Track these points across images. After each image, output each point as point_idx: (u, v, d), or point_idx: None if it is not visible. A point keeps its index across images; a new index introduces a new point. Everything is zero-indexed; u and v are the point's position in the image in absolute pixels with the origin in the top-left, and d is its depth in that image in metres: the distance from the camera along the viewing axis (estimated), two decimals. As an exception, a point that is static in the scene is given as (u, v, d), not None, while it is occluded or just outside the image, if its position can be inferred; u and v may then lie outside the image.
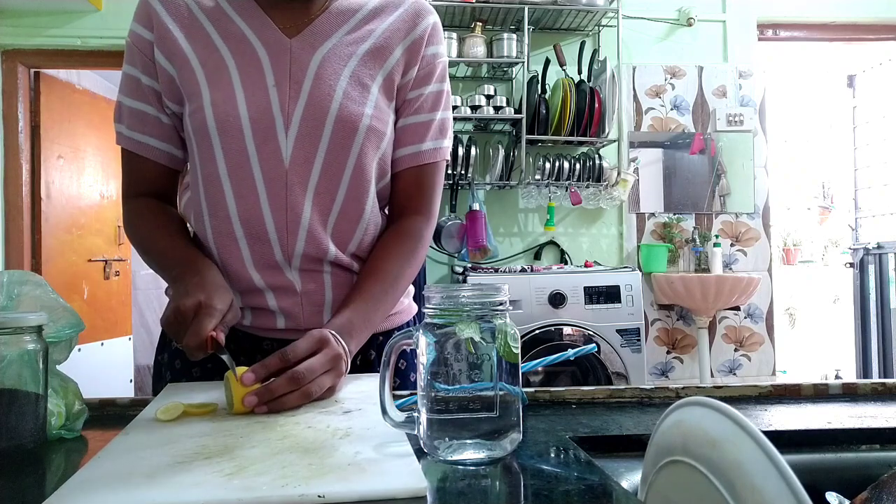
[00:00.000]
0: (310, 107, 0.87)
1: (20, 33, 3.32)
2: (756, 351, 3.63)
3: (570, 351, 0.75)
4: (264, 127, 0.86)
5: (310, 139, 0.87)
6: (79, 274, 3.82)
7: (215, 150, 0.87)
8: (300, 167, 0.88)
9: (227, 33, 0.89)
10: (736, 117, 3.61)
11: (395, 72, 0.93)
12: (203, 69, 0.88)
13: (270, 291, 0.90)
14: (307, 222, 0.88)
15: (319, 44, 0.90)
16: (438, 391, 0.54)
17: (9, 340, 0.58)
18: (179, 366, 0.95)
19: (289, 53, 0.88)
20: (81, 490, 0.46)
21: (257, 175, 0.87)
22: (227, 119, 0.86)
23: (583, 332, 2.88)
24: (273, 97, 0.87)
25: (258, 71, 0.88)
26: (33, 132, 3.51)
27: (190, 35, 0.89)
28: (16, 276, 0.67)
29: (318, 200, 0.89)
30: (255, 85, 0.87)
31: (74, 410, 0.66)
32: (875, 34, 3.86)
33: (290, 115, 0.87)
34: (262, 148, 0.87)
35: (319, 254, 0.90)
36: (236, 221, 0.88)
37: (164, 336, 0.99)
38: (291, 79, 0.88)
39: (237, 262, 0.90)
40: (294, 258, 0.89)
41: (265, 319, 0.92)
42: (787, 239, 5.46)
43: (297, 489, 0.45)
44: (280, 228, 0.88)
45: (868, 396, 0.83)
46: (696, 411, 0.50)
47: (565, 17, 3.34)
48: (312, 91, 0.88)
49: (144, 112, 0.92)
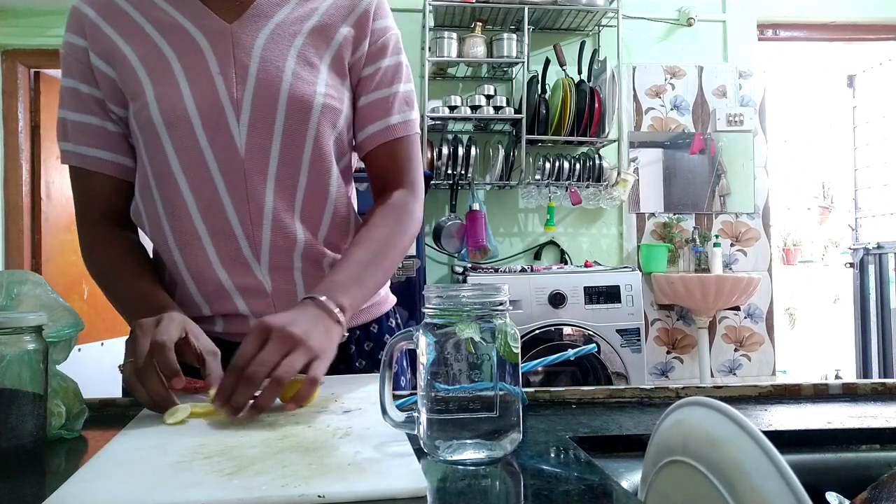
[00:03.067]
0: (259, 91, 0.84)
1: (20, 33, 3.32)
2: (756, 351, 3.63)
3: (570, 351, 0.75)
4: (214, 117, 0.84)
5: (263, 125, 0.85)
6: (79, 274, 3.81)
7: (165, 146, 0.84)
8: (257, 155, 0.85)
9: (163, 26, 0.86)
10: (736, 117, 3.61)
11: (344, 48, 0.90)
12: (143, 65, 0.85)
13: (240, 294, 0.88)
14: (271, 211, 0.86)
15: (262, 25, 0.87)
16: (438, 391, 0.54)
17: (9, 340, 0.58)
18: None
19: (230, 38, 0.85)
20: (81, 490, 0.46)
21: (213, 168, 0.84)
22: (174, 112, 0.83)
23: (583, 332, 2.88)
24: (220, 85, 0.84)
25: (200, 60, 0.84)
26: (33, 132, 3.51)
27: (125, 33, 0.86)
28: (16, 275, 0.67)
29: (279, 187, 0.86)
30: (198, 74, 0.84)
31: (74, 410, 0.66)
32: (875, 34, 3.86)
33: (240, 101, 0.84)
34: (215, 139, 0.84)
35: (288, 244, 0.87)
36: (197, 218, 0.86)
37: None
38: (236, 64, 0.85)
39: (202, 262, 0.87)
40: (262, 253, 0.86)
41: (237, 325, 0.89)
42: (787, 239, 5.46)
43: (297, 489, 0.45)
44: (244, 221, 0.85)
45: (868, 396, 0.83)
46: (696, 411, 0.50)
47: (565, 17, 3.34)
48: (260, 74, 0.85)
49: (88, 123, 0.88)
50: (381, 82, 0.93)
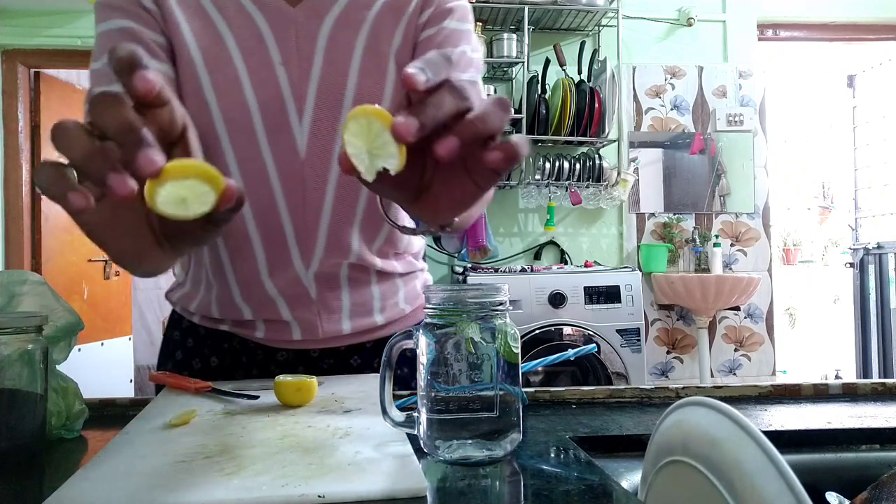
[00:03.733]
0: (323, 88, 0.77)
1: (20, 33, 3.32)
2: (756, 351, 3.63)
3: (570, 351, 0.75)
4: (275, 114, 0.76)
5: (327, 125, 0.77)
6: (79, 274, 3.82)
7: (222, 142, 0.76)
8: (318, 158, 0.78)
9: (221, 2, 0.77)
10: (736, 117, 3.61)
11: (410, 28, 0.80)
12: (199, 46, 0.75)
13: (283, 301, 0.83)
14: (328, 221, 0.80)
15: (326, 11, 0.78)
16: (438, 391, 0.54)
17: (9, 340, 0.58)
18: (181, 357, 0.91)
19: (294, 25, 0.77)
20: (81, 490, 0.46)
21: (271, 170, 0.77)
22: (234, 109, 0.75)
23: (583, 332, 2.88)
24: (282, 78, 0.76)
25: (261, 46, 0.75)
26: (33, 132, 3.51)
27: (181, 1, 0.76)
28: (16, 275, 0.67)
29: (340, 194, 0.79)
30: (259, 65, 0.75)
31: (74, 410, 0.66)
32: (875, 34, 3.86)
33: (303, 99, 0.76)
34: (275, 139, 0.77)
35: (341, 255, 0.82)
36: (251, 222, 0.79)
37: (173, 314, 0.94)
38: (300, 55, 0.76)
39: (250, 268, 0.82)
40: (313, 261, 0.81)
41: (279, 332, 0.85)
42: (787, 239, 5.46)
43: (297, 489, 0.45)
44: (298, 229, 0.80)
45: (868, 396, 0.83)
46: (696, 411, 0.50)
47: (565, 17, 3.34)
48: (325, 68, 0.76)
49: None
50: (443, 42, 0.80)
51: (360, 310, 0.87)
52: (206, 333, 0.90)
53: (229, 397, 0.72)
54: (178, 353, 0.92)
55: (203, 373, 0.90)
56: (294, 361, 0.88)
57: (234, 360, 0.89)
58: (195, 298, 0.89)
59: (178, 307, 0.93)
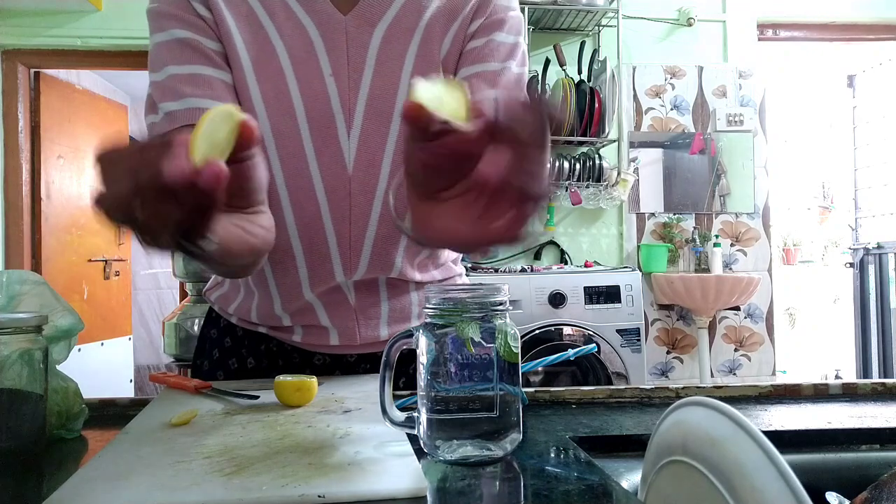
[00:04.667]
0: (373, 100, 0.75)
1: (20, 33, 3.32)
2: (756, 351, 3.63)
3: (570, 351, 0.75)
4: (324, 126, 0.75)
5: (375, 139, 0.76)
6: (79, 274, 3.82)
7: (270, 153, 0.75)
8: (365, 172, 0.76)
9: (270, 5, 0.75)
10: (736, 117, 3.61)
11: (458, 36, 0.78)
12: (248, 52, 0.73)
13: (322, 307, 0.83)
14: (373, 236, 0.78)
15: (378, 19, 0.76)
16: (438, 391, 0.54)
17: (9, 340, 0.58)
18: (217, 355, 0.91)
19: (344, 34, 0.75)
20: (81, 490, 0.46)
21: (317, 183, 0.76)
22: (283, 119, 0.74)
23: (583, 332, 2.88)
24: (331, 89, 0.74)
25: (311, 56, 0.74)
26: (33, 132, 3.51)
27: (232, 9, 0.74)
28: (15, 275, 0.67)
29: (386, 210, 0.78)
30: (309, 74, 0.74)
31: (74, 410, 0.66)
32: (875, 34, 3.86)
33: (352, 111, 0.75)
34: (322, 151, 0.75)
35: (384, 270, 0.81)
36: (294, 235, 0.78)
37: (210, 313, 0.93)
38: (350, 65, 0.75)
39: (292, 281, 0.81)
40: (355, 275, 0.80)
41: (317, 336, 0.85)
42: (787, 239, 5.45)
43: (297, 489, 0.45)
44: (342, 243, 0.78)
45: (868, 396, 0.83)
46: (696, 411, 0.50)
47: (565, 17, 3.34)
48: (375, 80, 0.75)
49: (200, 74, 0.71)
50: (489, 55, 0.77)
51: (399, 316, 0.87)
52: (244, 334, 0.90)
53: (229, 397, 0.72)
54: (214, 351, 0.92)
55: (239, 373, 0.89)
56: (331, 365, 0.88)
57: (270, 363, 0.88)
58: (234, 301, 0.89)
59: (216, 306, 0.93)
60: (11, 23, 3.32)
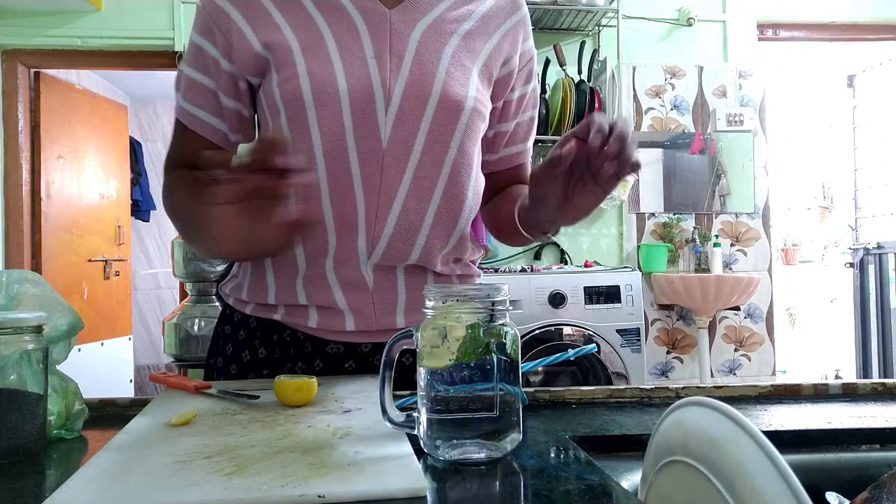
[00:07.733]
0: (412, 84, 0.82)
1: (20, 33, 3.32)
2: (756, 351, 3.63)
3: (570, 351, 0.75)
4: (363, 102, 0.81)
5: (411, 118, 0.82)
6: (79, 274, 3.82)
7: (310, 124, 0.81)
8: (399, 148, 0.82)
9: (321, 2, 0.83)
10: (736, 117, 3.61)
11: (493, 61, 0.88)
12: (296, 38, 0.81)
13: (340, 287, 0.85)
14: (400, 208, 0.83)
15: (420, 17, 0.84)
16: (438, 391, 0.54)
17: (9, 340, 0.58)
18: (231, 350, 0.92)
19: (388, 24, 0.82)
20: (81, 490, 0.46)
21: (352, 154, 0.81)
22: (325, 90, 0.80)
23: (583, 332, 2.88)
24: (373, 70, 0.81)
25: (356, 41, 0.81)
26: (33, 132, 3.51)
27: (281, 5, 0.83)
28: (15, 275, 0.67)
29: (417, 186, 0.83)
30: (353, 56, 0.81)
31: (74, 410, 0.66)
32: (875, 34, 3.86)
33: (391, 91, 0.81)
34: (360, 125, 0.81)
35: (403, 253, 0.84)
36: (327, 204, 0.82)
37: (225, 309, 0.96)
38: (392, 52, 0.82)
39: (320, 249, 0.84)
40: (377, 249, 0.84)
41: (333, 320, 0.87)
42: (787, 239, 5.45)
43: (297, 489, 0.45)
44: (370, 212, 0.82)
45: (868, 396, 0.83)
46: (696, 411, 0.50)
47: (565, 17, 3.34)
48: (414, 66, 0.82)
49: (201, 84, 0.85)
50: (526, 106, 0.95)
51: (415, 306, 0.88)
52: (258, 325, 0.91)
53: (229, 397, 0.72)
54: (228, 346, 0.93)
55: (251, 365, 0.90)
56: (344, 355, 0.89)
57: (283, 352, 0.89)
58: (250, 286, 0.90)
59: (230, 299, 0.95)
60: (11, 23, 3.31)
